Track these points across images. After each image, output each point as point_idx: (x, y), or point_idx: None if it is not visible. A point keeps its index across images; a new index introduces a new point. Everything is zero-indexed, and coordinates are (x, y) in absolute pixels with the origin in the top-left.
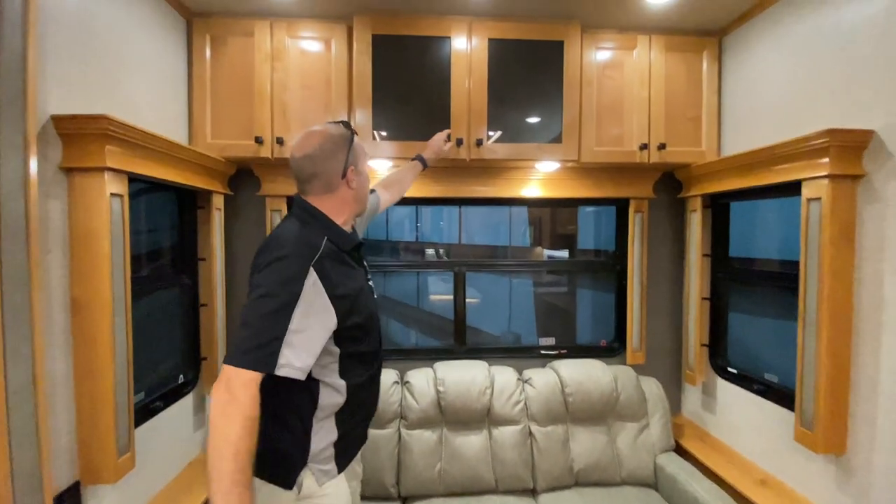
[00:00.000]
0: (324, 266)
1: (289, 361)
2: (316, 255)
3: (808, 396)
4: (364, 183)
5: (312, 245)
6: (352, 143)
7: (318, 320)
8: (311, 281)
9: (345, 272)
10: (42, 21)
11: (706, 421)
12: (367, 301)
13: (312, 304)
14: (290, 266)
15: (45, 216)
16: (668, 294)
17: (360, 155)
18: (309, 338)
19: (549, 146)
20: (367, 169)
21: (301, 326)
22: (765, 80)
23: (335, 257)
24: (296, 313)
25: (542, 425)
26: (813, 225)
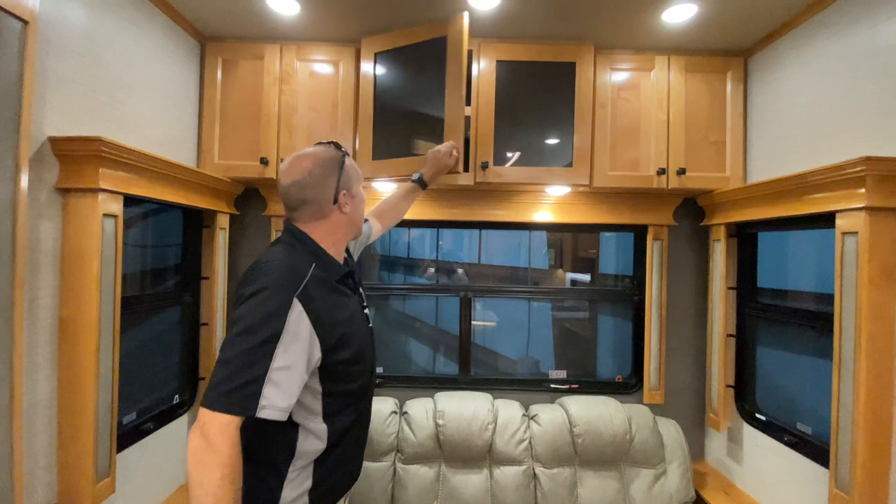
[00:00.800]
0: (310, 295)
1: (271, 402)
2: (301, 285)
3: (845, 454)
4: (358, 206)
5: (297, 273)
6: (343, 166)
7: (302, 355)
8: (296, 312)
9: (335, 301)
10: (45, 48)
11: (731, 471)
12: (359, 332)
13: (297, 336)
14: (272, 297)
15: (37, 236)
16: (690, 329)
17: (353, 177)
18: (293, 375)
19: (559, 170)
20: (361, 191)
21: (285, 363)
22: (795, 103)
23: (324, 285)
24: (279, 349)
25: (548, 467)
26: (849, 262)
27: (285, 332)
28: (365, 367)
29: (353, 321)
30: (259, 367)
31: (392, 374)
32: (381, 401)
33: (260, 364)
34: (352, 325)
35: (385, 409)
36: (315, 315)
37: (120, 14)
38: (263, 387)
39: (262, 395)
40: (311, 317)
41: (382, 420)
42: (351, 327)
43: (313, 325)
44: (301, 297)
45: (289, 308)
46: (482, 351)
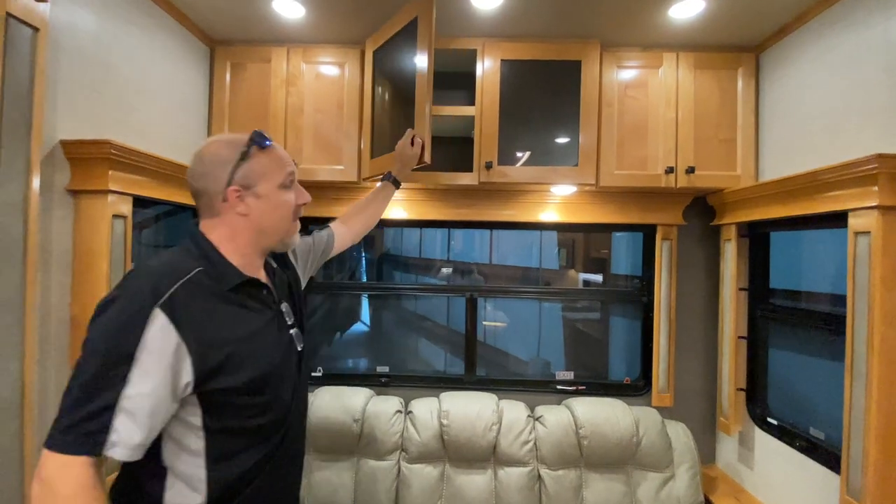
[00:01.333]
0: (180, 304)
1: (122, 438)
2: (168, 292)
3: (856, 460)
4: (268, 211)
5: (167, 278)
6: (245, 156)
7: (166, 378)
8: (157, 326)
9: (225, 313)
10: (56, 55)
11: (742, 475)
12: (264, 355)
13: (158, 355)
14: (123, 310)
15: (48, 237)
16: (700, 330)
17: (263, 174)
18: (152, 404)
19: (564, 169)
20: (282, 194)
21: (142, 388)
22: (808, 100)
23: (209, 293)
24: (134, 371)
25: (553, 469)
26: (861, 262)
27: (142, 351)
28: (273, 399)
29: (253, 341)
30: (107, 395)
31: (397, 374)
32: (386, 400)
33: (109, 391)
34: (250, 345)
35: (390, 408)
36: (187, 328)
37: (130, 20)
38: (113, 418)
39: (112, 430)
40: (180, 331)
41: (387, 419)
42: (248, 348)
43: (184, 341)
44: (166, 307)
45: (146, 320)
46: (492, 351)
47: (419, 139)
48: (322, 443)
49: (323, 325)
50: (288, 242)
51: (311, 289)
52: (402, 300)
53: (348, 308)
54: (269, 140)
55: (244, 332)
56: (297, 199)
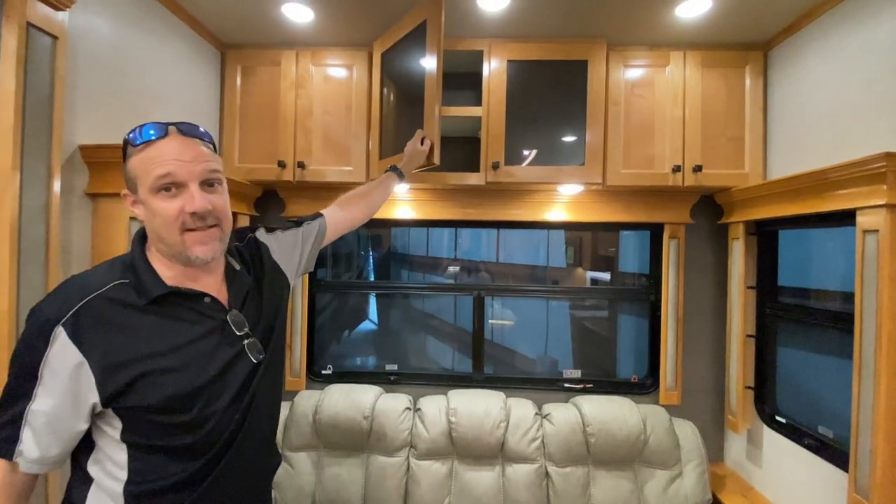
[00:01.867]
0: (85, 323)
1: (24, 449)
2: (72, 308)
3: (864, 458)
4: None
5: (71, 293)
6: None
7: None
8: (58, 345)
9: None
10: (75, 62)
11: (751, 474)
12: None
13: (57, 375)
14: (28, 328)
15: (69, 238)
16: (708, 329)
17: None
18: (55, 422)
19: (571, 169)
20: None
21: (44, 406)
22: (817, 97)
23: (127, 308)
24: (39, 388)
25: (560, 466)
26: (870, 260)
27: (45, 368)
28: (203, 418)
29: (176, 355)
30: (18, 406)
31: (407, 371)
32: (395, 397)
33: (19, 402)
34: (171, 360)
35: (399, 405)
36: (91, 347)
37: (144, 26)
38: (22, 429)
39: (21, 440)
40: (82, 349)
41: (397, 416)
42: (167, 363)
43: (86, 360)
44: (68, 325)
45: (48, 338)
46: (500, 350)
47: (429, 140)
48: (332, 439)
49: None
50: (187, 255)
51: (318, 287)
52: (409, 299)
53: (356, 306)
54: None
55: (164, 346)
56: (185, 205)
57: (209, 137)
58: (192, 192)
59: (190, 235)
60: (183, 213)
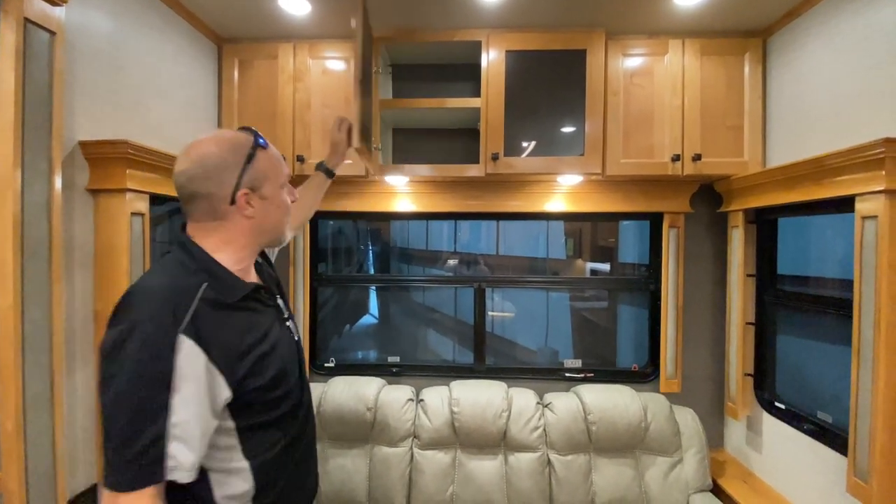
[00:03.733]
0: (203, 326)
1: (179, 463)
2: (186, 316)
3: (863, 442)
4: (272, 211)
5: (179, 301)
6: (251, 159)
7: (203, 400)
8: (185, 352)
9: (240, 323)
10: (73, 58)
11: (751, 459)
12: (278, 351)
13: (193, 381)
14: (146, 340)
15: (71, 235)
16: (707, 317)
17: (268, 175)
18: (197, 425)
19: (570, 159)
20: (282, 194)
21: (185, 415)
22: (816, 84)
23: (221, 307)
24: (174, 399)
25: (562, 454)
26: (868, 246)
27: (176, 378)
28: (289, 387)
29: (267, 340)
30: (156, 427)
31: (409, 364)
32: (398, 388)
33: (155, 422)
34: (266, 344)
35: (402, 396)
36: (213, 349)
37: (141, 21)
38: (167, 446)
39: (169, 456)
40: (207, 352)
41: (399, 407)
42: (266, 348)
43: (212, 362)
44: (189, 332)
45: (174, 348)
46: (501, 342)
47: (345, 123)
48: (336, 430)
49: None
50: (282, 239)
51: (320, 282)
52: (410, 292)
53: (357, 301)
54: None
55: (258, 334)
56: (290, 196)
57: None
58: (288, 186)
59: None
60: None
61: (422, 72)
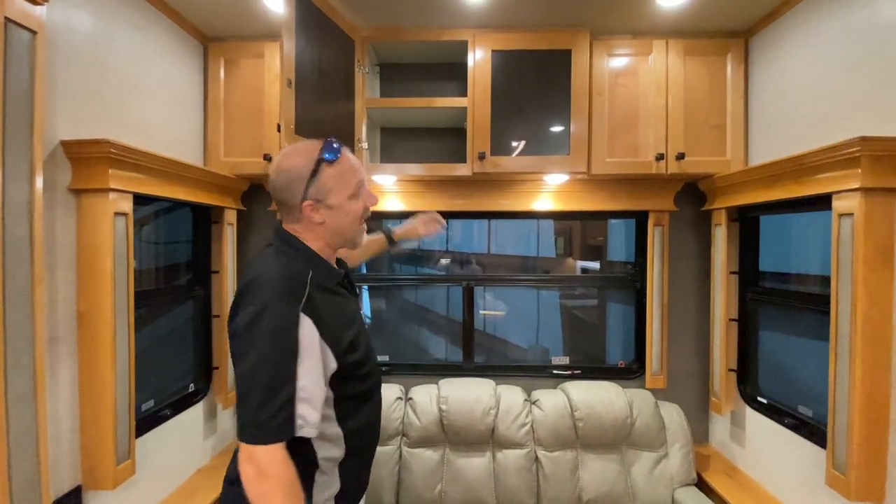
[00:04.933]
0: (315, 306)
1: (306, 420)
2: (303, 296)
3: (841, 435)
4: (340, 218)
5: (297, 284)
6: (316, 174)
7: (319, 368)
8: (306, 327)
9: (336, 305)
10: (54, 57)
11: (734, 453)
12: (363, 332)
13: (311, 351)
14: (277, 317)
15: (53, 235)
16: (692, 314)
17: (333, 187)
18: (317, 390)
19: (556, 158)
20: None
21: (308, 380)
22: (796, 84)
23: (324, 291)
24: (300, 368)
25: (550, 450)
26: (845, 243)
27: (300, 350)
28: (372, 365)
29: (356, 323)
30: (287, 390)
31: (398, 362)
32: (387, 387)
33: (287, 386)
34: (356, 324)
35: (391, 395)
36: (323, 326)
37: (125, 19)
38: (297, 407)
39: (298, 416)
40: (319, 329)
41: (388, 405)
42: (356, 328)
43: (323, 337)
44: (307, 310)
45: (297, 324)
46: (492, 340)
47: (437, 225)
48: None
49: None
50: (357, 242)
51: None
52: (402, 291)
53: None
54: (338, 152)
55: (350, 316)
56: (365, 202)
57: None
58: (367, 191)
59: (363, 226)
60: (365, 209)
61: (409, 71)
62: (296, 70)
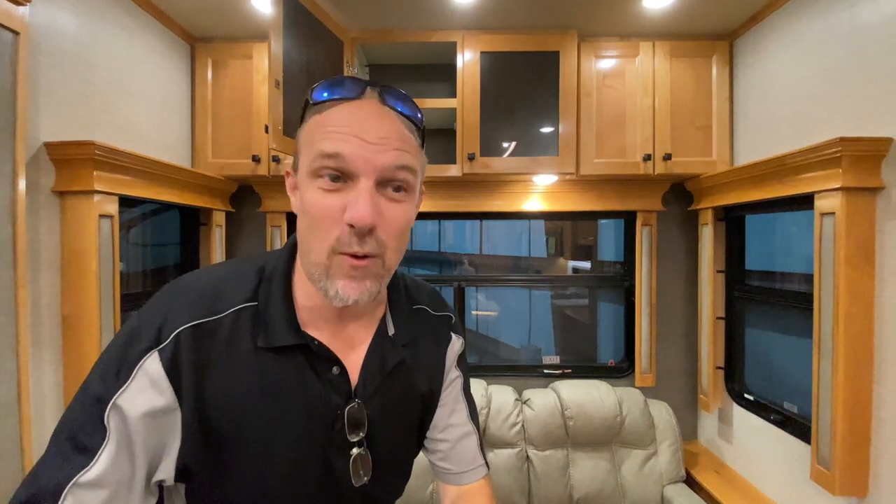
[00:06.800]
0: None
1: None
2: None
3: (825, 431)
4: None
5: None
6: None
7: (135, 468)
8: (144, 382)
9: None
10: (38, 58)
11: (722, 450)
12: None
13: (134, 430)
14: (112, 352)
15: (37, 238)
16: (680, 313)
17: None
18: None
19: (545, 159)
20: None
21: (107, 474)
22: (779, 85)
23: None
24: (106, 449)
25: (541, 449)
26: (827, 242)
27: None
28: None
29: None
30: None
31: None
32: None
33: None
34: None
35: None
36: (198, 392)
37: (110, 20)
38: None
39: None
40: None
41: None
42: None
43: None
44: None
45: (132, 371)
46: (484, 340)
47: None
48: None
49: None
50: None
51: None
52: None
53: None
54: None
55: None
56: (348, 209)
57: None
58: (360, 189)
59: (339, 260)
60: (342, 219)
61: (398, 72)
62: (284, 71)
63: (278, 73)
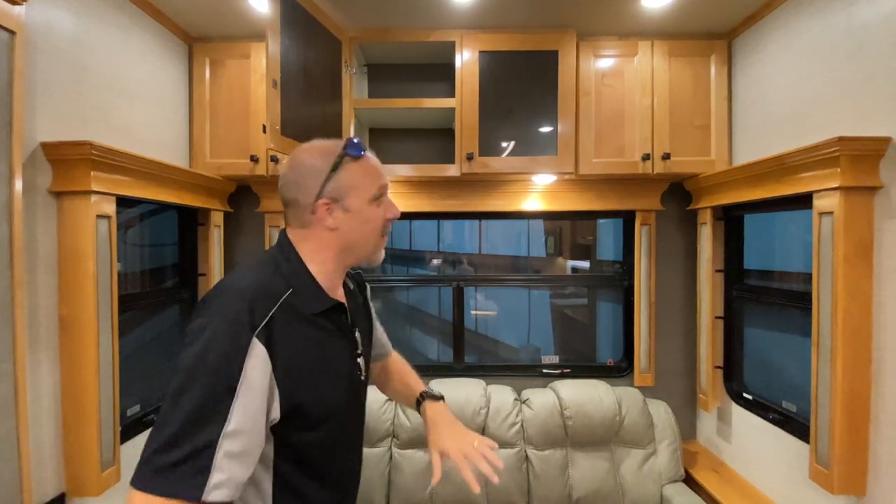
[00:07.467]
0: (275, 332)
1: (229, 476)
2: (265, 318)
3: (823, 430)
4: (357, 226)
5: (261, 302)
6: (336, 167)
7: (262, 412)
8: (256, 356)
9: (310, 341)
10: (34, 58)
11: (721, 449)
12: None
13: (256, 390)
14: (221, 337)
15: (34, 239)
16: (679, 312)
17: (355, 186)
18: (252, 440)
19: (544, 159)
20: (369, 207)
21: (242, 424)
22: (777, 85)
23: (301, 318)
24: (236, 405)
25: (540, 449)
26: (825, 241)
27: (243, 384)
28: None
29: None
30: (208, 433)
31: None
32: (376, 389)
33: (208, 429)
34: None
35: (381, 396)
36: (279, 358)
37: (107, 19)
38: (215, 457)
39: (214, 469)
40: (275, 359)
41: (378, 407)
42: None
43: (275, 373)
44: (263, 336)
45: (246, 350)
46: (484, 340)
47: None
48: None
49: None
50: (374, 259)
51: None
52: (393, 292)
53: None
54: (363, 149)
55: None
56: (385, 212)
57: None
58: (388, 202)
59: (383, 240)
60: (386, 221)
61: (397, 72)
62: (281, 70)
63: (276, 73)
